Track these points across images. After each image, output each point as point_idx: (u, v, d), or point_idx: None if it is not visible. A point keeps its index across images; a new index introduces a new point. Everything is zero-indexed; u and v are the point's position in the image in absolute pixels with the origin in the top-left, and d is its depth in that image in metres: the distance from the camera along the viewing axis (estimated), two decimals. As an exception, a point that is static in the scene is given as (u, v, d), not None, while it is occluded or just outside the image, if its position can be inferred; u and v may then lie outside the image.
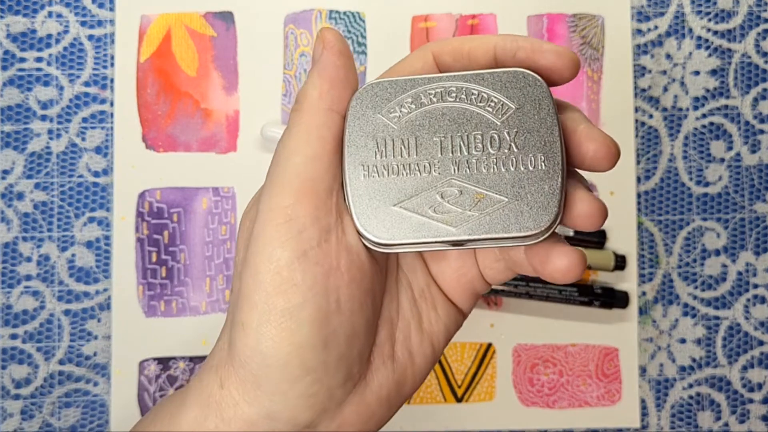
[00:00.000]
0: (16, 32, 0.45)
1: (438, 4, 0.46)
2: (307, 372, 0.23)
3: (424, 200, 0.24)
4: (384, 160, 0.25)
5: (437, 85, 0.25)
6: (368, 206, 0.24)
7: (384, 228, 0.24)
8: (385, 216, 0.24)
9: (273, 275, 0.23)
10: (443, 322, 0.27)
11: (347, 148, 0.25)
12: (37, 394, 0.44)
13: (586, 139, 0.24)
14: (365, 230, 0.24)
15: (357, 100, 0.25)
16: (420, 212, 0.24)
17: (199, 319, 0.45)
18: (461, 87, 0.25)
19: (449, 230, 0.24)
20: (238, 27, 0.46)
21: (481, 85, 0.25)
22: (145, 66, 0.45)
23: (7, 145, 0.45)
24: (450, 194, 0.24)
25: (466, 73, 0.25)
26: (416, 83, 0.25)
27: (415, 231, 0.24)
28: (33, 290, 0.45)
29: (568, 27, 0.46)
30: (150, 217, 0.45)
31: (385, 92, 0.25)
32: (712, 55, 0.46)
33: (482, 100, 0.25)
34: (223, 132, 0.45)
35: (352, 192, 0.24)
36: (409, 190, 0.24)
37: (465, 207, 0.24)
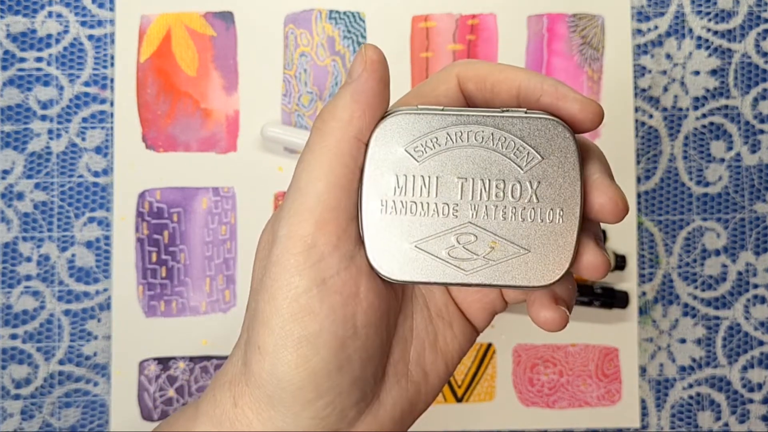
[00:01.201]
0: (16, 32, 0.45)
1: (438, 4, 0.46)
2: (321, 396, 0.24)
3: (439, 242, 0.24)
4: (403, 196, 0.24)
5: (466, 127, 0.24)
6: (382, 242, 0.24)
7: (397, 265, 0.24)
8: (399, 254, 0.24)
9: (290, 302, 0.23)
10: (458, 341, 0.28)
11: (366, 180, 0.24)
12: (37, 394, 0.44)
13: (596, 192, 0.24)
14: (378, 266, 0.24)
15: (382, 130, 0.24)
16: (434, 254, 0.24)
17: (199, 319, 0.45)
18: (490, 132, 0.24)
19: (461, 275, 0.24)
20: (238, 27, 0.46)
21: (510, 132, 0.24)
22: (145, 66, 0.45)
23: (7, 145, 0.45)
24: (465, 239, 0.24)
25: (498, 115, 0.24)
26: (445, 120, 0.24)
27: (427, 271, 0.24)
28: (33, 290, 0.45)
29: (568, 27, 0.46)
30: (150, 217, 0.45)
31: (412, 125, 0.24)
32: (712, 55, 0.46)
33: (509, 147, 0.24)
34: (223, 132, 0.45)
35: (367, 226, 0.24)
36: (426, 231, 0.24)
37: (479, 253, 0.24)
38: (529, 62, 0.46)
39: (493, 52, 0.46)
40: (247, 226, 0.45)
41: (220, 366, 0.45)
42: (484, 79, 0.25)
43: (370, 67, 0.25)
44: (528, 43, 0.46)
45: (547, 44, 0.46)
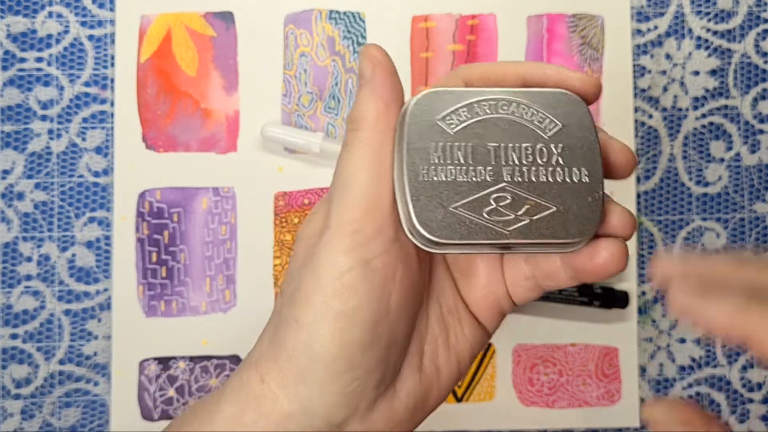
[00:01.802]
0: (17, 32, 0.45)
1: (438, 4, 0.46)
2: (350, 369, 0.25)
3: (478, 204, 0.25)
4: (441, 163, 0.26)
5: (491, 97, 0.26)
6: (425, 206, 0.25)
7: (439, 227, 0.25)
8: (442, 216, 0.25)
9: (333, 280, 0.25)
10: (469, 341, 0.29)
11: (407, 150, 0.26)
12: (38, 394, 0.45)
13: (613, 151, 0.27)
14: (422, 227, 0.25)
15: (416, 106, 0.26)
16: (475, 215, 0.25)
17: (199, 319, 0.45)
18: (512, 100, 0.26)
19: (502, 233, 0.25)
20: (238, 27, 0.46)
21: (532, 102, 0.26)
22: (145, 66, 0.45)
23: (7, 145, 0.45)
24: (502, 200, 0.25)
25: (516, 89, 0.27)
26: (471, 94, 0.26)
27: (469, 232, 0.25)
28: (33, 290, 0.45)
29: (568, 27, 0.46)
30: (150, 217, 0.45)
31: (442, 100, 0.26)
32: (711, 55, 0.46)
33: (532, 115, 0.26)
34: (223, 132, 0.45)
35: (410, 191, 0.25)
36: (465, 193, 0.25)
37: (516, 212, 0.25)
38: (529, 62, 0.46)
39: (492, 53, 0.46)
40: (247, 226, 0.45)
41: (221, 366, 0.45)
42: (488, 77, 0.27)
43: (378, 65, 0.27)
44: (528, 44, 0.46)
45: (546, 44, 0.46)
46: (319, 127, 0.46)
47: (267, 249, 0.45)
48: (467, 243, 0.25)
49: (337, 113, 0.46)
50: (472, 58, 0.46)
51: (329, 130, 0.46)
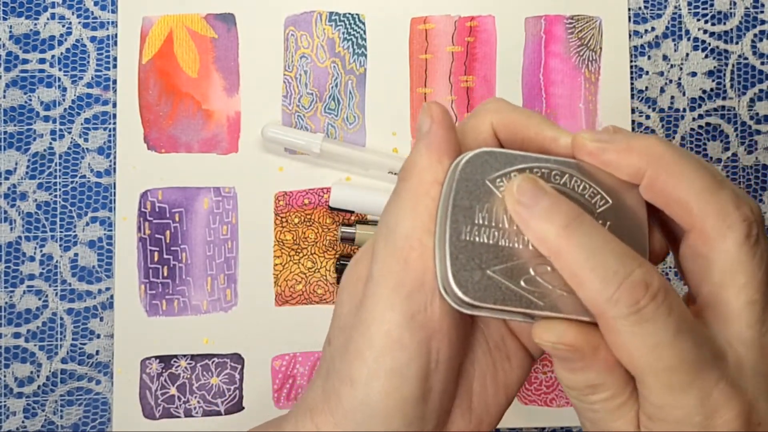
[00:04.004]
0: (19, 34, 0.46)
1: (437, 5, 0.46)
2: (405, 422, 0.25)
3: (517, 271, 0.25)
4: (485, 225, 0.25)
5: (545, 165, 0.26)
6: (463, 265, 0.25)
7: (474, 289, 0.24)
8: (479, 278, 0.25)
9: (383, 336, 0.25)
10: (516, 372, 0.29)
11: (452, 207, 0.25)
12: (40, 393, 0.45)
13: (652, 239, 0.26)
14: (457, 287, 0.24)
15: (467, 164, 0.26)
16: (512, 281, 0.25)
17: (200, 318, 0.45)
18: (565, 171, 0.26)
19: (536, 303, 0.24)
20: (239, 29, 0.46)
21: (585, 176, 0.26)
22: (147, 67, 0.45)
23: (10, 145, 0.45)
24: (542, 270, 0.25)
25: (571, 161, 0.26)
26: (525, 159, 0.26)
27: (503, 298, 0.25)
28: (36, 289, 0.45)
29: (566, 28, 0.46)
30: (152, 217, 0.45)
31: (494, 161, 0.26)
32: (708, 56, 0.47)
33: (583, 189, 0.26)
34: (224, 133, 0.46)
35: (450, 249, 0.25)
36: (504, 259, 0.25)
37: (554, 285, 0.25)
38: (527, 64, 0.46)
39: (491, 54, 0.46)
40: (248, 226, 0.45)
41: (222, 364, 0.45)
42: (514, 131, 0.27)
43: (437, 120, 0.26)
44: (526, 45, 0.46)
45: (544, 46, 0.46)
46: (319, 128, 0.46)
47: (267, 248, 0.45)
48: (499, 309, 0.25)
49: (336, 114, 0.46)
50: (471, 59, 0.46)
51: (329, 131, 0.46)
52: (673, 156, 0.24)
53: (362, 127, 0.46)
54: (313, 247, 0.45)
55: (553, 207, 0.24)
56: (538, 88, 0.46)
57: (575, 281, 0.23)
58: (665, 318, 0.22)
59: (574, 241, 0.23)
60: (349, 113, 0.46)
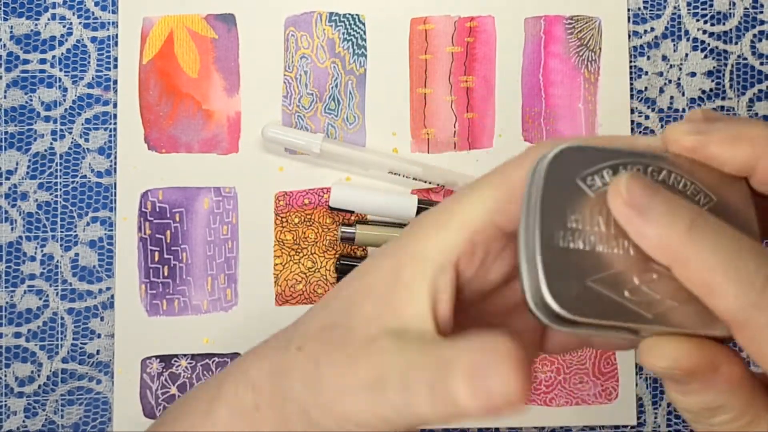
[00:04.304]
0: (20, 34, 0.46)
1: (436, 6, 0.46)
2: None
3: (620, 279, 0.22)
4: (579, 229, 0.22)
5: (640, 160, 0.23)
6: (558, 276, 0.22)
7: (573, 303, 0.21)
8: (577, 290, 0.22)
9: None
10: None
11: (541, 210, 0.22)
12: (41, 392, 0.45)
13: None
14: (554, 301, 0.21)
15: (555, 161, 0.23)
16: (615, 293, 0.22)
17: (201, 318, 0.45)
18: (663, 167, 0.23)
19: (644, 317, 0.21)
20: (239, 29, 0.46)
21: (684, 171, 0.23)
22: (148, 68, 0.46)
23: (11, 145, 0.45)
24: (648, 279, 0.22)
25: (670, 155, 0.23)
26: (617, 155, 0.23)
27: (606, 311, 0.21)
28: (36, 289, 0.45)
29: (566, 29, 0.46)
30: (152, 216, 0.45)
31: (583, 158, 0.23)
32: (708, 56, 0.47)
33: (684, 186, 0.23)
34: (224, 133, 0.46)
35: (542, 258, 0.22)
36: (604, 267, 0.22)
37: (662, 294, 0.22)
38: (527, 64, 0.46)
39: (491, 54, 0.46)
40: (249, 226, 0.45)
41: (222, 364, 0.45)
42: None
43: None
44: (525, 45, 0.46)
45: (544, 46, 0.46)
46: (320, 128, 0.46)
47: (268, 248, 0.45)
48: (601, 324, 0.21)
49: (336, 114, 0.46)
50: (471, 59, 0.46)
51: (329, 131, 0.46)
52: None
53: (362, 127, 0.46)
54: (313, 247, 0.46)
55: (672, 208, 0.21)
56: (538, 88, 0.46)
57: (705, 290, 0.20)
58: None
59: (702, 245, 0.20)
60: (349, 113, 0.46)
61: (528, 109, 0.46)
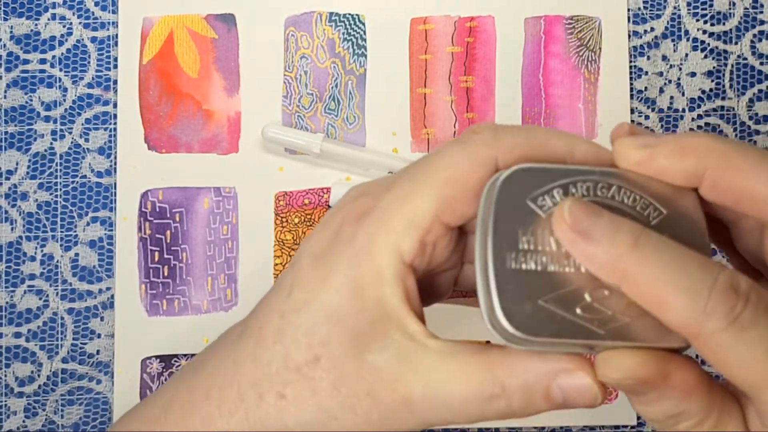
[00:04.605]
0: (20, 34, 0.46)
1: (436, 6, 0.46)
2: None
3: (572, 297, 0.22)
4: (531, 250, 0.23)
5: (589, 178, 0.23)
6: (511, 297, 0.22)
7: (526, 322, 0.22)
8: (530, 310, 0.22)
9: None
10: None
11: (492, 232, 0.23)
12: (41, 392, 0.45)
13: None
14: (507, 321, 0.22)
15: (506, 183, 0.23)
16: (567, 311, 0.22)
17: (201, 318, 0.45)
18: (612, 183, 0.23)
19: (596, 333, 0.22)
20: (239, 29, 0.46)
21: (635, 186, 0.23)
22: (148, 68, 0.46)
23: (11, 146, 0.45)
24: (599, 296, 0.22)
25: (617, 170, 0.24)
26: (567, 173, 0.24)
27: (559, 329, 0.22)
28: (36, 289, 0.45)
29: (566, 29, 0.46)
30: (152, 216, 0.45)
31: (534, 178, 0.23)
32: (708, 56, 0.47)
33: (634, 201, 0.23)
34: (224, 133, 0.46)
35: (495, 280, 0.22)
36: (557, 286, 0.22)
37: (614, 310, 0.22)
38: (526, 64, 0.46)
39: (491, 54, 0.46)
40: (249, 226, 0.45)
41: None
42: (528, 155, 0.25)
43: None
44: (525, 45, 0.46)
45: (544, 46, 0.46)
46: (320, 128, 0.46)
47: (268, 248, 0.45)
48: (555, 342, 0.22)
49: (336, 114, 0.46)
50: (471, 59, 0.46)
51: (329, 131, 0.46)
52: (735, 150, 0.22)
53: (362, 127, 0.46)
54: (313, 247, 0.46)
55: (614, 228, 0.21)
56: (538, 88, 0.46)
57: (655, 304, 0.21)
58: (766, 319, 0.20)
59: (647, 262, 0.21)
60: (349, 113, 0.46)
61: (528, 109, 0.46)
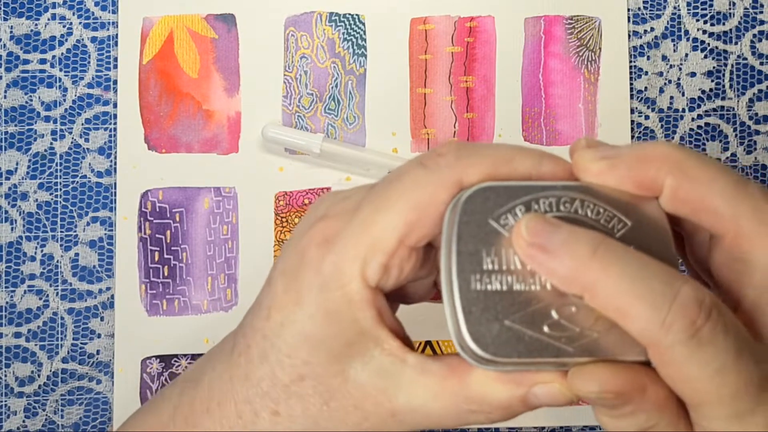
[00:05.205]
0: (20, 34, 0.46)
1: (436, 6, 0.46)
2: None
3: (539, 316, 0.22)
4: (496, 270, 0.23)
5: (551, 194, 0.23)
6: (477, 319, 0.22)
7: (494, 344, 0.22)
8: (497, 331, 0.22)
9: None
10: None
11: (456, 254, 0.23)
12: (41, 392, 0.45)
13: None
14: (474, 344, 0.22)
15: (468, 203, 0.23)
16: (534, 330, 0.22)
17: (201, 318, 0.45)
18: (575, 197, 0.23)
19: (566, 350, 0.22)
20: (239, 29, 0.46)
21: (598, 199, 0.23)
22: (148, 68, 0.46)
23: (11, 146, 0.45)
24: (566, 312, 0.22)
25: (578, 183, 0.24)
26: (529, 190, 0.23)
27: (527, 349, 0.22)
28: (37, 289, 0.45)
29: (566, 29, 0.46)
30: (152, 216, 0.45)
31: (497, 197, 0.23)
32: (708, 56, 0.47)
33: (597, 214, 0.23)
34: (224, 133, 0.46)
35: (461, 302, 0.22)
36: (522, 305, 0.22)
37: (582, 325, 0.22)
38: (526, 64, 0.46)
39: (491, 54, 0.46)
40: (249, 226, 0.45)
41: (222, 364, 0.45)
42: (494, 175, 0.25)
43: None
44: (525, 45, 0.46)
45: (544, 46, 0.46)
46: (320, 128, 0.46)
47: (268, 248, 0.45)
48: (524, 362, 0.22)
49: (336, 114, 0.46)
50: (471, 59, 0.46)
51: (329, 131, 0.46)
52: (693, 161, 0.22)
53: (362, 127, 0.46)
54: (313, 247, 0.46)
55: (572, 238, 0.22)
56: (538, 88, 0.46)
57: (618, 314, 0.21)
58: (724, 337, 0.20)
59: (608, 270, 0.21)
60: (349, 113, 0.46)
61: (528, 109, 0.46)
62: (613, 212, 0.23)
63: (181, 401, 0.28)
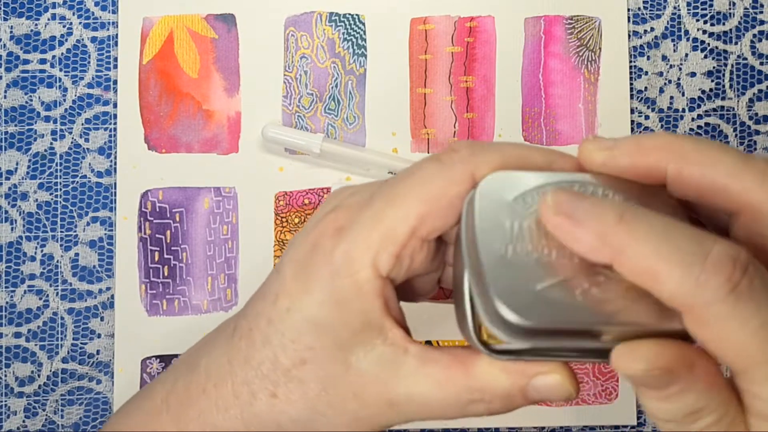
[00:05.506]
0: (20, 34, 0.46)
1: (436, 6, 0.46)
2: None
3: (569, 284, 0.22)
4: (520, 242, 0.23)
5: (564, 181, 0.24)
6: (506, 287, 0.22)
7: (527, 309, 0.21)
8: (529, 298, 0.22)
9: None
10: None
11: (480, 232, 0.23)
12: (41, 392, 0.45)
13: None
14: (508, 310, 0.21)
15: (487, 188, 0.24)
16: (566, 296, 0.22)
17: (201, 318, 0.45)
18: (588, 184, 0.24)
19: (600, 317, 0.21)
20: (239, 29, 0.46)
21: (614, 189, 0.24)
22: (148, 68, 0.46)
23: (11, 146, 0.45)
24: (595, 282, 0.22)
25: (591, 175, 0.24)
26: (550, 177, 0.24)
27: (565, 314, 0.21)
28: (37, 289, 0.45)
29: (566, 29, 0.46)
30: (152, 216, 0.45)
31: (512, 183, 0.24)
32: (708, 56, 0.47)
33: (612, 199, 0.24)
34: (224, 133, 0.46)
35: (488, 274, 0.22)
36: (551, 274, 0.22)
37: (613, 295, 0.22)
38: (526, 64, 0.46)
39: (491, 54, 0.46)
40: (249, 226, 0.45)
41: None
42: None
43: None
44: (525, 45, 0.46)
45: (544, 46, 0.46)
46: (320, 128, 0.46)
47: (268, 248, 0.45)
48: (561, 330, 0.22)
49: (336, 114, 0.46)
50: (471, 59, 0.46)
51: (329, 131, 0.46)
52: (691, 144, 0.22)
53: (362, 127, 0.46)
54: (313, 247, 0.46)
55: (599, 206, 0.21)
56: (538, 88, 0.46)
57: (648, 278, 0.20)
58: (764, 292, 0.19)
59: (636, 233, 0.20)
60: (349, 113, 0.46)
61: (528, 109, 0.46)
62: (626, 198, 0.23)
63: (176, 385, 0.28)
